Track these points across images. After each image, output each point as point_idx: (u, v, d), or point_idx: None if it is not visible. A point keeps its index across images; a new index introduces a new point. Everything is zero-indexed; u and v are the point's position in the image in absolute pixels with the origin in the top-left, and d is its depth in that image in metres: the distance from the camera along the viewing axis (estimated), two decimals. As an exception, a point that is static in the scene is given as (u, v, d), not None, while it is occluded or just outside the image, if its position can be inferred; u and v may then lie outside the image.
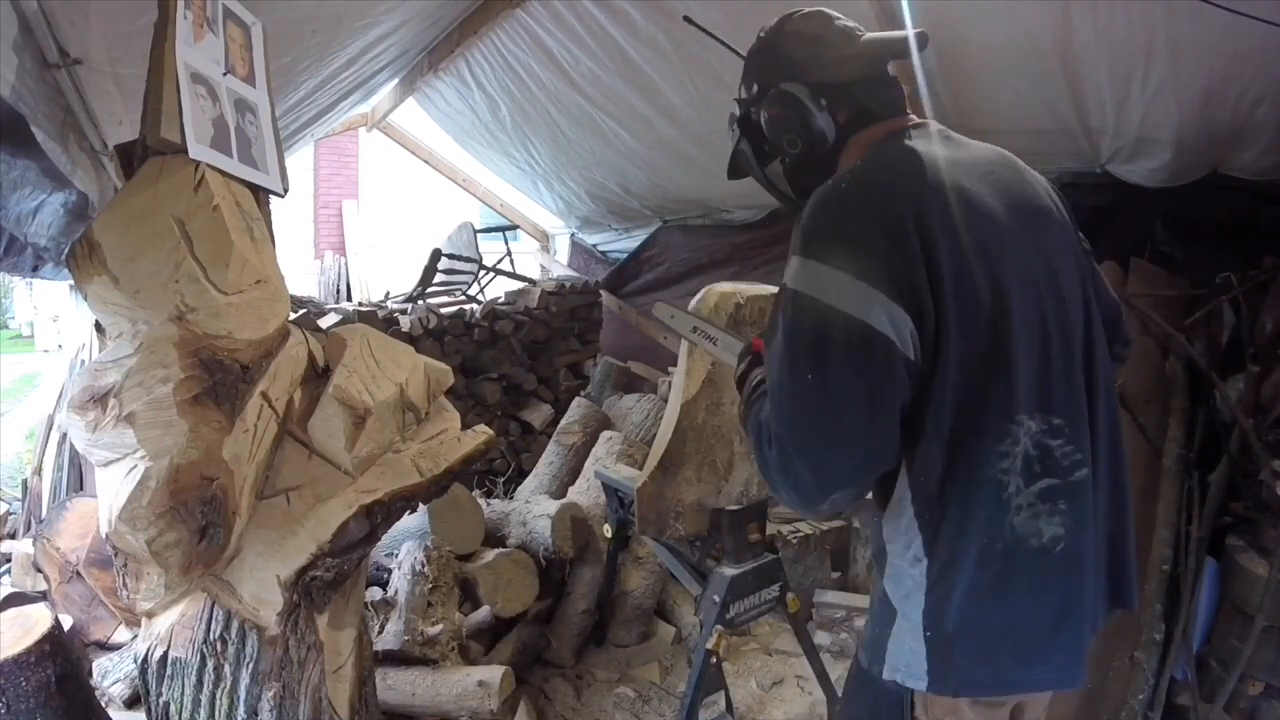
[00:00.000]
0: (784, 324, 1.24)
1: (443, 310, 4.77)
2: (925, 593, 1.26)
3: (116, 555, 1.74)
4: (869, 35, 1.40)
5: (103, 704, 2.37)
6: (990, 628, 1.25)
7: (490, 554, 3.33)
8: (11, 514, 4.17)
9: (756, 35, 1.50)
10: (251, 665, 1.80)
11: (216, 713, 1.81)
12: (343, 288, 9.33)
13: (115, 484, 1.64)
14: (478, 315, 4.85)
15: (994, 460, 1.23)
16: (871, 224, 1.21)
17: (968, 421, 1.22)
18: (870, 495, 1.38)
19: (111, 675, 2.84)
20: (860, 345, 1.17)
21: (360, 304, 5.38)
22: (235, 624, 1.79)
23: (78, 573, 3.17)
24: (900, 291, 1.17)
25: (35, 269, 2.68)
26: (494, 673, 2.73)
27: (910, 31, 1.38)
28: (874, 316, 1.16)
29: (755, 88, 1.48)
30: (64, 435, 3.71)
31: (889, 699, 1.35)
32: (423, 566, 3.01)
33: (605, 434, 4.07)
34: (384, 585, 3.16)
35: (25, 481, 4.05)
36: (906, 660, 1.29)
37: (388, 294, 5.78)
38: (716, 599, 2.61)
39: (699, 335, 2.15)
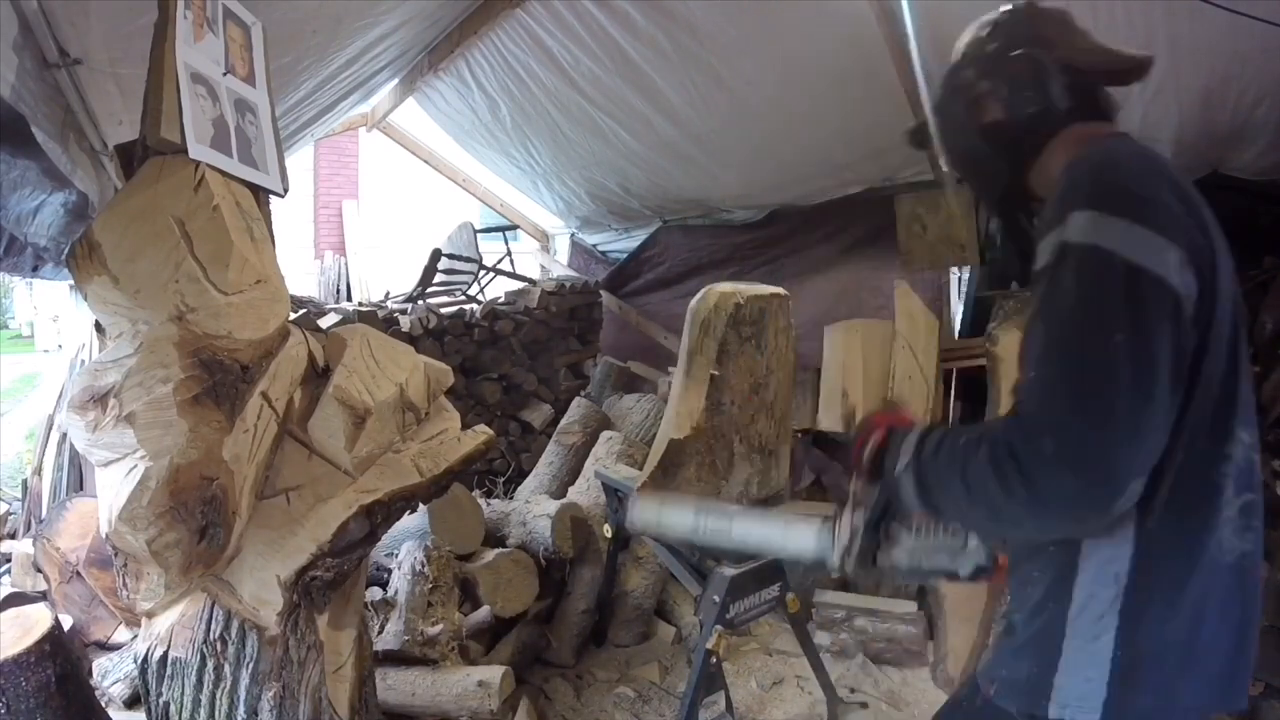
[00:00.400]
0: (1075, 284, 1.08)
1: (443, 310, 4.77)
2: (1120, 612, 1.16)
3: (116, 555, 1.74)
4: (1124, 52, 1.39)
5: (103, 704, 2.37)
6: (1184, 648, 1.17)
7: (490, 554, 3.33)
8: (11, 514, 4.17)
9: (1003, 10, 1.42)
10: (251, 665, 1.80)
11: (216, 713, 1.81)
12: (343, 288, 9.34)
13: (115, 484, 1.64)
14: (478, 315, 4.85)
15: (1220, 465, 1.15)
16: (1164, 185, 1.14)
17: (1206, 419, 1.13)
18: None
19: (111, 675, 2.84)
20: (1169, 305, 1.05)
21: (360, 304, 5.38)
22: (235, 624, 1.79)
23: (78, 573, 3.17)
24: (1192, 259, 1.08)
25: (35, 269, 2.68)
26: (494, 673, 2.73)
27: (1142, 54, 1.39)
28: (1173, 276, 1.06)
29: (989, 48, 1.39)
30: (64, 435, 3.71)
31: None
32: (423, 566, 3.00)
33: (605, 434, 4.07)
34: (384, 585, 3.16)
35: (25, 481, 4.05)
36: (1080, 693, 1.18)
37: (388, 294, 5.78)
38: (716, 599, 2.61)
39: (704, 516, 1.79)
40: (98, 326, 1.95)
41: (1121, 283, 1.05)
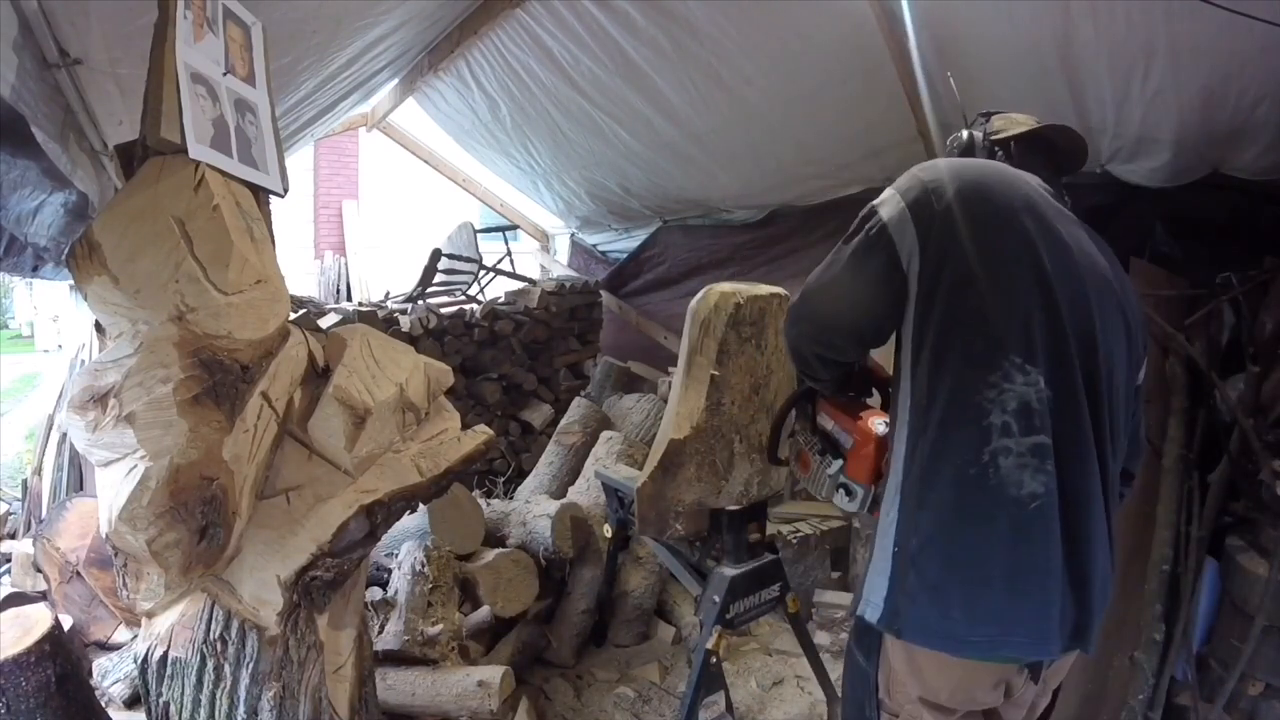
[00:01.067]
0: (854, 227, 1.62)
1: (443, 310, 4.77)
2: (897, 512, 1.43)
3: (116, 555, 1.74)
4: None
5: (103, 704, 2.37)
6: (948, 557, 1.38)
7: (490, 554, 3.33)
8: (11, 514, 4.17)
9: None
10: (251, 665, 1.80)
11: (216, 713, 1.81)
12: (343, 288, 9.34)
13: (115, 484, 1.64)
14: (478, 315, 4.85)
15: (986, 391, 1.38)
16: (968, 183, 1.52)
17: (959, 347, 1.41)
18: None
19: (111, 675, 2.84)
20: (884, 251, 1.50)
21: (360, 304, 5.38)
22: (235, 624, 1.79)
23: (78, 573, 3.17)
24: (936, 239, 1.45)
25: (35, 269, 2.68)
26: (494, 673, 2.73)
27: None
28: (903, 241, 1.47)
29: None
30: (64, 435, 3.71)
31: (865, 642, 1.57)
32: (423, 566, 3.01)
33: (605, 434, 4.07)
34: (384, 585, 3.16)
35: (25, 481, 4.05)
36: (874, 589, 1.45)
37: (388, 294, 5.78)
38: (716, 599, 2.61)
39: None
40: (98, 326, 1.95)
41: (864, 234, 1.55)
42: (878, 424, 1.75)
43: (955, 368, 1.40)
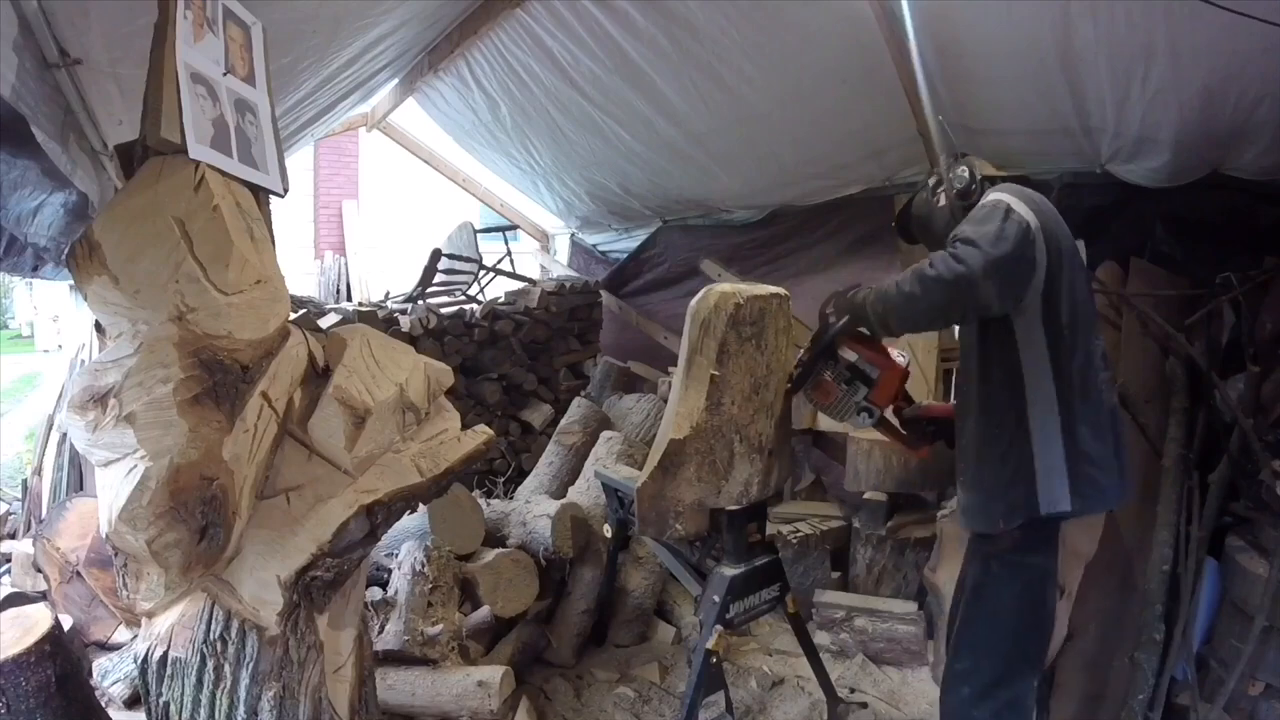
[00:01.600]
0: (985, 210, 2.06)
1: (443, 310, 4.77)
2: (1061, 431, 2.04)
3: (116, 555, 1.74)
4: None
5: (103, 704, 2.37)
6: (1097, 449, 2.05)
7: (490, 554, 3.33)
8: (12, 514, 4.17)
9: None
10: (251, 665, 1.80)
11: (216, 713, 1.81)
12: (343, 288, 9.34)
13: (115, 484, 1.64)
14: (478, 315, 4.85)
15: (1094, 344, 2.12)
16: (1044, 201, 2.15)
17: (1078, 316, 2.08)
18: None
19: (111, 675, 2.84)
20: (1022, 232, 1.99)
21: (360, 304, 5.38)
22: (235, 624, 1.79)
23: (78, 573, 3.17)
24: (1047, 235, 2.05)
25: (35, 269, 2.68)
26: (494, 673, 2.73)
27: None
28: (1032, 229, 2.01)
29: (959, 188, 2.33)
30: (64, 435, 3.71)
31: (1040, 539, 2.15)
32: (423, 566, 3.01)
33: (605, 434, 4.07)
34: (384, 585, 3.16)
35: (25, 481, 4.05)
36: (1056, 491, 2.03)
37: (388, 294, 5.78)
38: (716, 599, 2.61)
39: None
40: (98, 326, 1.95)
41: (1004, 215, 2.00)
42: (899, 356, 2.36)
43: (1084, 334, 2.08)
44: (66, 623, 2.87)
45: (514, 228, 6.82)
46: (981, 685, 2.16)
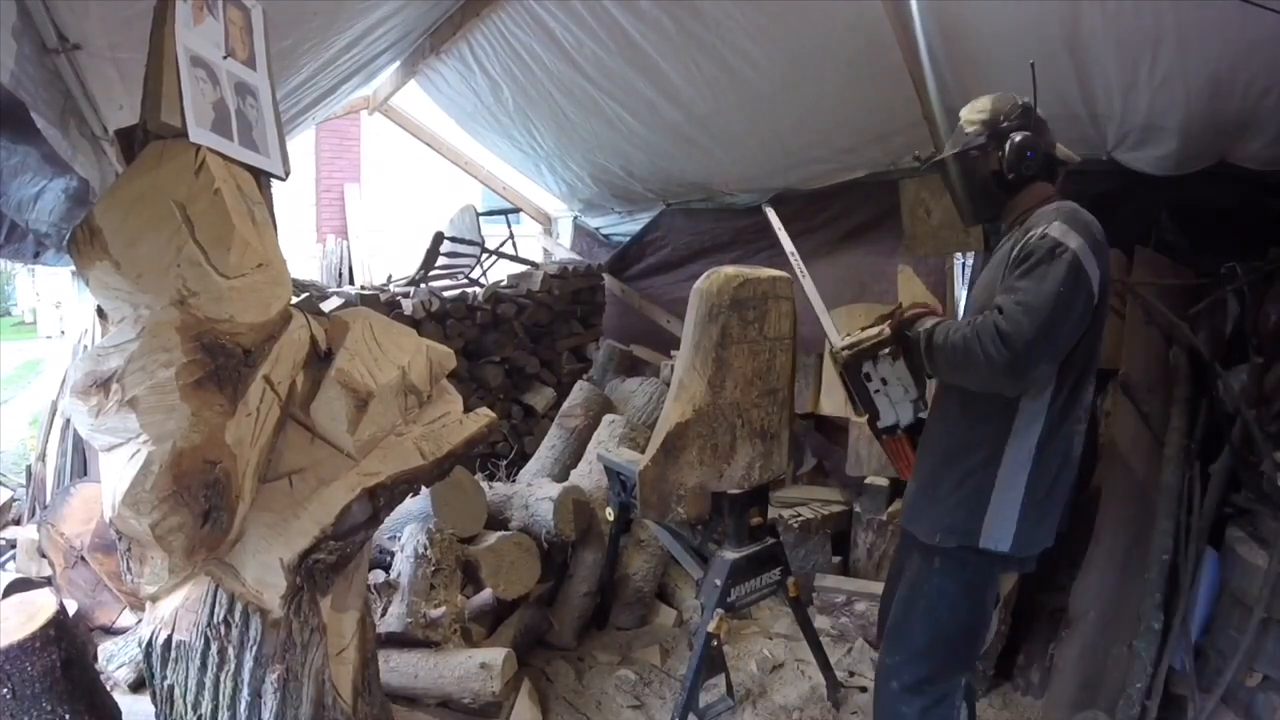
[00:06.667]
0: (1048, 255, 1.86)
1: (445, 293, 4.76)
2: (1028, 476, 1.97)
3: (120, 540, 1.75)
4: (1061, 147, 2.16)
5: (108, 688, 2.39)
6: (1049, 502, 2.02)
7: (492, 537, 3.34)
8: (16, 500, 4.18)
9: (1005, 98, 2.15)
10: (255, 648, 1.82)
11: (220, 695, 1.82)
12: (345, 271, 9.30)
13: (119, 469, 1.64)
14: (480, 298, 4.84)
15: (1083, 397, 2.03)
16: (1099, 232, 1.93)
17: (1088, 370, 2.01)
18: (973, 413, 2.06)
19: (116, 659, 2.86)
20: (1086, 290, 1.87)
21: (362, 287, 5.36)
22: (239, 607, 1.80)
23: (82, 558, 3.19)
24: (1101, 278, 1.89)
25: (37, 255, 2.67)
26: (496, 655, 2.75)
27: (1076, 157, 2.22)
28: (1094, 281, 1.88)
29: (1002, 124, 2.09)
30: (67, 421, 3.72)
31: (977, 568, 2.07)
32: (425, 549, 3.02)
33: (607, 417, 4.08)
34: (387, 568, 3.17)
35: (29, 467, 4.05)
36: (1000, 529, 1.99)
37: (390, 277, 5.76)
38: (718, 582, 2.63)
39: (796, 261, 2.69)
40: (100, 312, 1.95)
41: (1070, 270, 1.84)
42: None
43: (1088, 384, 2.04)
44: (71, 608, 2.88)
45: (516, 211, 6.79)
46: (911, 681, 2.13)
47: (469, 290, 4.96)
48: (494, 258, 5.77)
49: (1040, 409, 1.97)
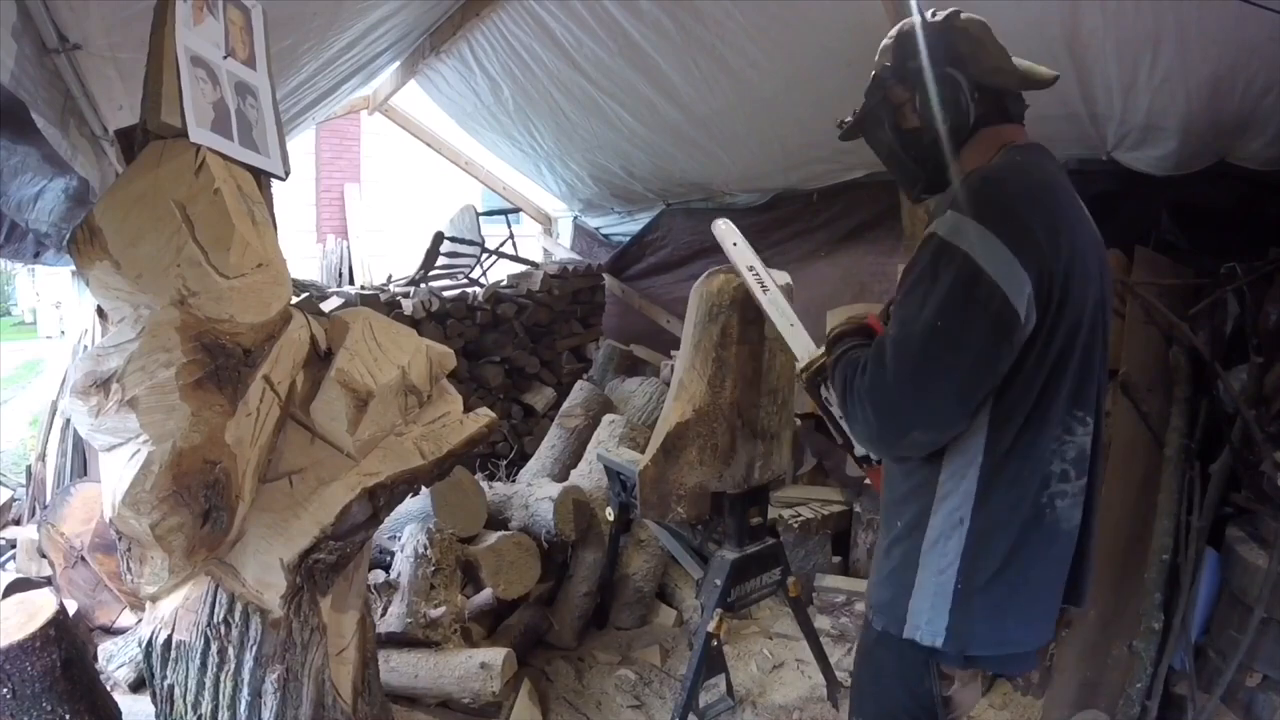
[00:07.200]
0: (929, 268, 1.35)
1: (445, 293, 4.77)
2: (962, 553, 1.42)
3: (120, 540, 1.75)
4: (1020, 60, 1.58)
5: (108, 688, 2.39)
6: (1010, 589, 1.43)
7: (492, 537, 3.34)
8: (16, 500, 4.18)
9: (913, 19, 1.60)
10: (255, 648, 1.82)
11: (220, 695, 1.82)
12: (345, 271, 9.31)
13: (118, 469, 1.64)
14: (480, 298, 4.85)
15: (1052, 445, 1.42)
16: (1037, 214, 1.36)
17: (1042, 407, 1.39)
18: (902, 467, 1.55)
19: (116, 659, 2.86)
20: (994, 310, 1.30)
21: (362, 287, 5.37)
22: (239, 607, 1.80)
23: (82, 558, 3.18)
24: (1039, 277, 1.31)
25: (37, 255, 2.67)
26: (496, 655, 2.75)
27: (1050, 73, 1.59)
28: (1013, 290, 1.29)
29: (910, 64, 1.56)
30: (67, 421, 3.72)
31: (908, 657, 1.52)
32: (425, 549, 3.02)
33: (607, 417, 4.07)
34: (387, 568, 3.17)
35: (29, 467, 4.06)
36: (928, 617, 1.45)
37: (390, 277, 5.77)
38: (718, 582, 2.62)
39: (754, 276, 2.39)
40: (100, 311, 1.95)
41: (958, 286, 1.31)
42: None
43: (1035, 424, 1.40)
44: (71, 607, 2.88)
45: (516, 211, 6.80)
46: None
47: (469, 290, 4.96)
48: (494, 258, 5.78)
49: (966, 464, 1.42)
